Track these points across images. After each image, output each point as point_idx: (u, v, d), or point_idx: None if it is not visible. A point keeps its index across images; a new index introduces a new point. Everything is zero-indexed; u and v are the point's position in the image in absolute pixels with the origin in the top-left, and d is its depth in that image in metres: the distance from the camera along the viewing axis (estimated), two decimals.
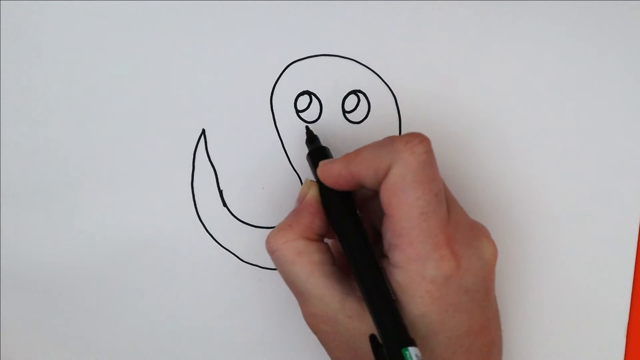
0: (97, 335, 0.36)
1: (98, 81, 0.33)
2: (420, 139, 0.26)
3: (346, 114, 0.33)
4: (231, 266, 0.35)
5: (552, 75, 0.33)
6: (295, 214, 0.29)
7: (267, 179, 0.34)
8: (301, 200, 0.30)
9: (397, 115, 0.33)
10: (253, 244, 0.34)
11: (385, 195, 0.26)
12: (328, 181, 0.29)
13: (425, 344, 0.27)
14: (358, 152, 0.28)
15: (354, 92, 0.33)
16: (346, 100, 0.33)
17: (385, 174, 0.26)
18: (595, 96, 0.33)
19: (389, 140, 0.27)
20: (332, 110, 0.33)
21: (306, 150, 0.33)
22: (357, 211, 0.29)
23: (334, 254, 0.29)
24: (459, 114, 0.34)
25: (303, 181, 0.33)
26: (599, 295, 0.35)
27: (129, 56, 0.33)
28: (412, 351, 0.24)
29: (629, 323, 0.35)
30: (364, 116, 0.33)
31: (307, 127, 0.33)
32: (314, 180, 0.30)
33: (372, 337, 0.26)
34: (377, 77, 0.33)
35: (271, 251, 0.29)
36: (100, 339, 0.36)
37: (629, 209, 0.34)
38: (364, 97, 0.33)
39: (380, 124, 0.33)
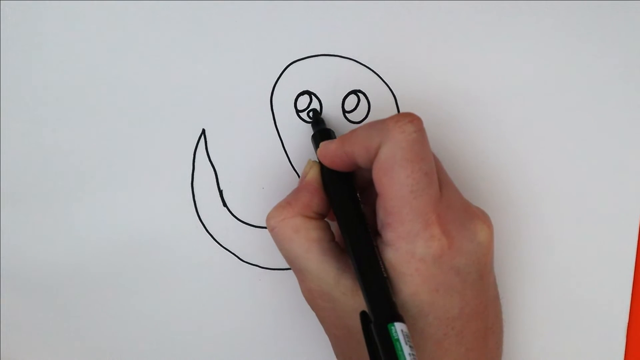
0: (97, 335, 0.36)
1: (98, 81, 0.33)
2: (410, 118, 0.26)
3: (346, 114, 0.33)
4: (231, 266, 0.35)
5: (552, 75, 0.33)
6: (295, 192, 0.30)
7: (267, 179, 0.34)
8: (303, 179, 0.30)
9: None
10: (253, 244, 0.34)
11: (376, 174, 0.27)
12: (326, 161, 0.29)
13: (416, 324, 0.27)
14: (352, 132, 0.28)
15: (354, 92, 0.33)
16: (346, 100, 0.33)
17: (376, 153, 0.27)
18: (596, 96, 0.33)
19: (381, 120, 0.27)
20: (332, 110, 0.33)
21: (306, 151, 0.33)
22: (357, 193, 0.29)
23: (336, 235, 0.30)
24: (459, 113, 0.34)
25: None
26: (599, 295, 0.35)
27: (128, 56, 0.33)
28: (398, 326, 0.24)
29: (629, 323, 0.35)
30: (364, 116, 0.33)
31: (314, 110, 0.33)
32: (317, 161, 0.31)
33: (363, 314, 0.26)
34: (377, 77, 0.33)
35: (270, 228, 0.29)
36: (100, 339, 0.36)
37: (629, 209, 0.34)
38: (364, 97, 0.33)
39: None
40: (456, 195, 0.28)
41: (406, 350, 0.24)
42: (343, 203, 0.29)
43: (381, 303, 0.26)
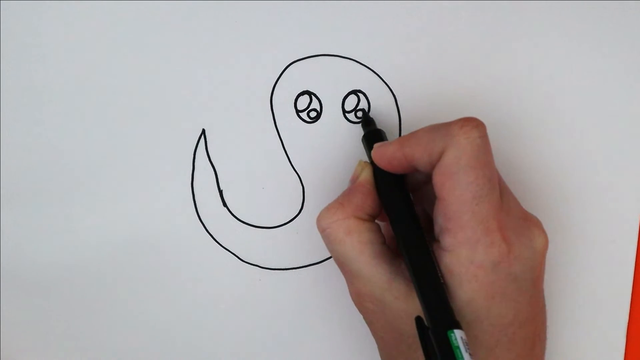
0: (97, 335, 0.36)
1: (98, 81, 0.33)
2: (475, 124, 0.26)
3: (346, 114, 0.33)
4: (231, 266, 0.35)
5: (552, 75, 0.33)
6: (347, 193, 0.29)
7: (267, 179, 0.34)
8: (354, 180, 0.30)
9: (397, 115, 0.33)
10: (253, 244, 0.34)
11: (439, 179, 0.26)
12: (382, 163, 0.29)
13: (470, 331, 0.26)
14: (413, 134, 0.28)
15: (354, 92, 0.33)
16: (346, 100, 0.33)
17: (439, 157, 0.26)
18: (595, 96, 0.33)
19: (445, 124, 0.27)
20: (332, 110, 0.33)
21: (306, 150, 0.33)
22: (410, 195, 0.29)
23: (386, 237, 0.29)
24: (458, 114, 0.33)
25: (357, 162, 0.32)
26: (599, 295, 0.35)
27: (129, 56, 0.33)
28: (458, 334, 0.24)
29: (629, 323, 0.35)
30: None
31: (363, 110, 0.33)
32: (368, 161, 0.30)
33: (418, 319, 0.26)
34: (377, 77, 0.33)
35: (321, 229, 0.29)
36: (100, 339, 0.36)
37: (629, 209, 0.34)
38: (364, 97, 0.33)
39: (380, 124, 0.33)
40: (514, 202, 0.28)
41: (466, 357, 0.23)
42: (398, 206, 0.29)
43: (439, 309, 0.25)
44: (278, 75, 0.33)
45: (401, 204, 0.29)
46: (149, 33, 0.33)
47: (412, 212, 0.28)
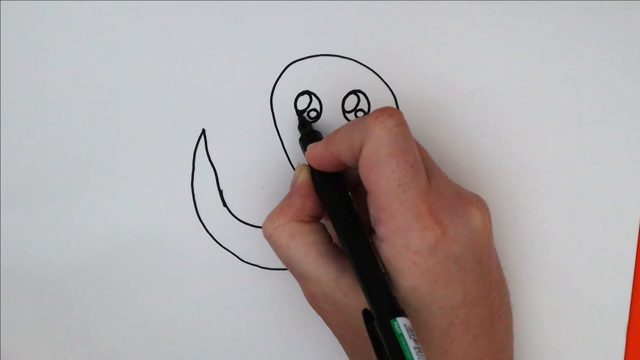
0: (97, 335, 0.36)
1: (98, 81, 0.33)
2: (390, 113, 0.26)
3: (346, 114, 0.33)
4: (231, 266, 0.35)
5: (552, 75, 0.33)
6: (287, 198, 0.30)
7: (267, 179, 0.34)
8: (294, 184, 0.30)
9: None
10: (253, 244, 0.34)
11: (363, 172, 0.27)
12: (314, 163, 0.29)
13: (419, 316, 0.27)
14: (336, 131, 0.28)
15: (354, 92, 0.33)
16: (346, 100, 0.33)
17: (360, 151, 0.27)
18: (596, 95, 0.33)
19: (362, 118, 0.27)
20: (332, 110, 0.33)
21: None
22: (349, 192, 0.29)
23: (333, 236, 0.30)
24: (459, 113, 0.34)
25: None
26: (599, 295, 0.35)
27: (128, 56, 0.33)
28: (401, 321, 0.24)
29: (629, 323, 0.35)
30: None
31: (299, 112, 0.33)
32: (306, 164, 0.31)
33: (365, 312, 0.26)
34: (377, 77, 0.33)
35: (267, 236, 0.29)
36: (100, 339, 0.36)
37: (629, 209, 0.34)
38: (364, 97, 0.33)
39: None
40: (446, 183, 0.28)
41: (411, 344, 0.24)
42: (335, 203, 0.29)
43: (382, 299, 0.26)
44: (278, 75, 0.33)
45: (339, 201, 0.29)
46: (149, 33, 0.33)
47: (350, 208, 0.29)
